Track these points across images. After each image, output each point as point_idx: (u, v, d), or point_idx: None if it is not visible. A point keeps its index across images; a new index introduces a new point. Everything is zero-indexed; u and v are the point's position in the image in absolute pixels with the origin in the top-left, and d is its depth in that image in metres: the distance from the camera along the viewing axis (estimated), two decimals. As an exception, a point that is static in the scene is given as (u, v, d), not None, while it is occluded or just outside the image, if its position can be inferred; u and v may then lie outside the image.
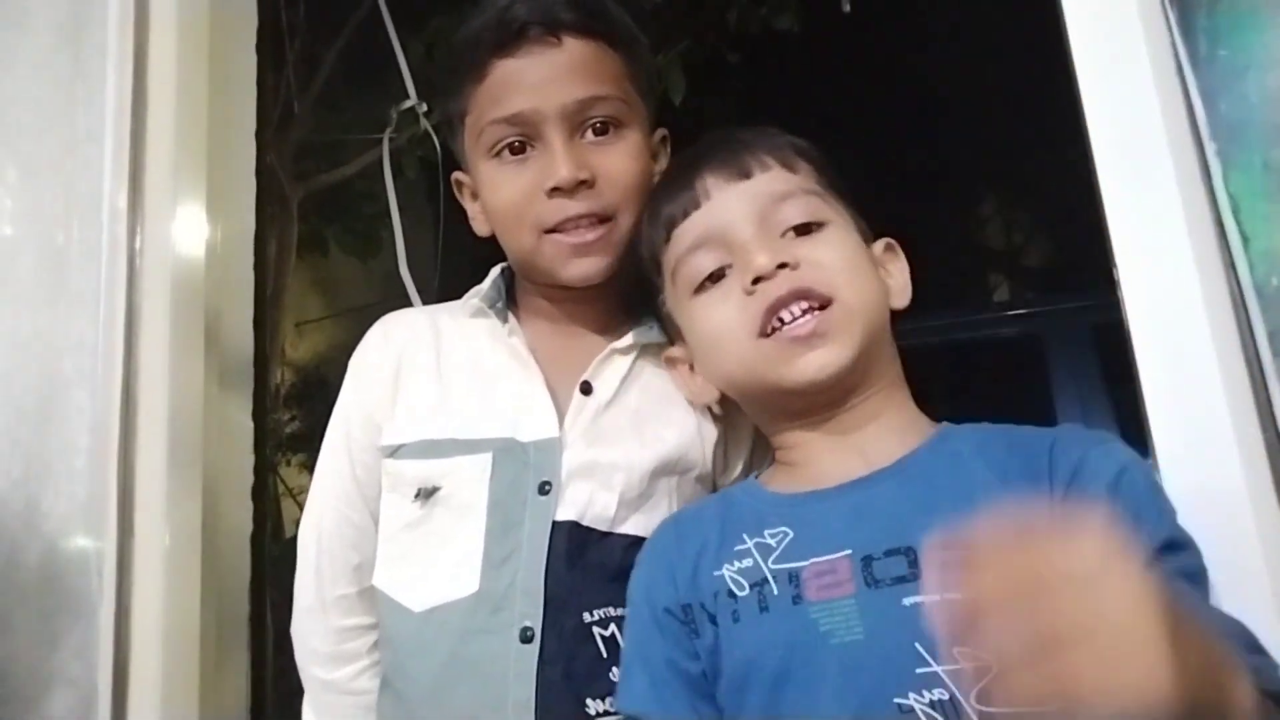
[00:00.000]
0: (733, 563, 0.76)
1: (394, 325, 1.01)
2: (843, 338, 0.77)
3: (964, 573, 0.45)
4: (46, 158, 1.03)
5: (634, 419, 0.93)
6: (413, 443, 0.93)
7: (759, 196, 0.82)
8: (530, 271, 0.97)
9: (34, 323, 0.98)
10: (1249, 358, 0.71)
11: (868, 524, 0.73)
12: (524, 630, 0.84)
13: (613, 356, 0.95)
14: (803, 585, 0.72)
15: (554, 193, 0.90)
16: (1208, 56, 0.75)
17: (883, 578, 0.70)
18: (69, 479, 0.94)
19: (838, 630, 0.68)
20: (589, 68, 0.92)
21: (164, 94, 1.09)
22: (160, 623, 0.96)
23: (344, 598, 0.96)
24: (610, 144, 0.93)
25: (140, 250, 1.02)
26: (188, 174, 1.12)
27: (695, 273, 0.83)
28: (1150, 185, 0.75)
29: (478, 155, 0.95)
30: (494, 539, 0.87)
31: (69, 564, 0.93)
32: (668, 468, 0.91)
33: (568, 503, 0.87)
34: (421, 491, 0.90)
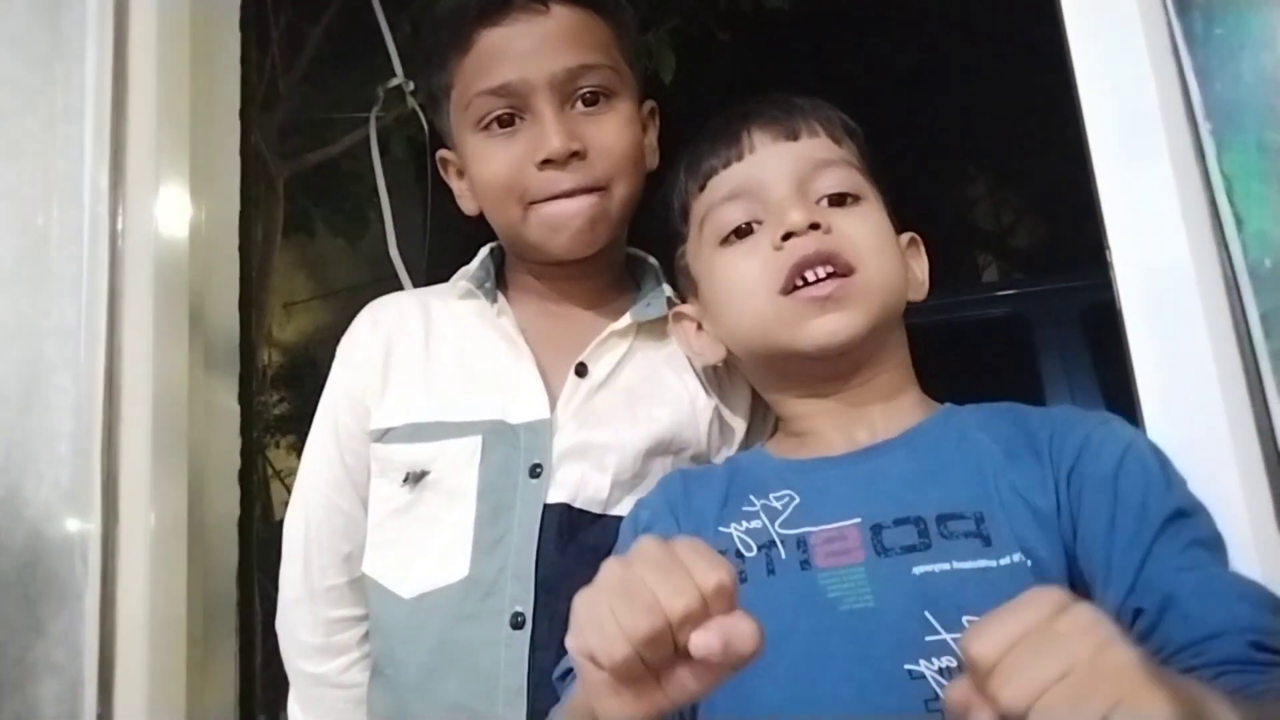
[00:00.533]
0: (740, 522, 0.76)
1: (382, 309, 1.00)
2: (859, 307, 0.77)
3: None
4: (25, 138, 1.00)
5: (627, 399, 0.92)
6: (400, 426, 0.91)
7: (802, 159, 0.82)
8: (520, 247, 0.96)
9: (14, 306, 0.97)
10: (1241, 340, 0.71)
11: (877, 493, 0.74)
12: (515, 615, 0.83)
13: (611, 338, 0.94)
14: (811, 551, 0.72)
15: (545, 165, 0.88)
16: (1203, 35, 0.74)
17: (892, 546, 0.70)
18: (52, 464, 0.93)
19: (847, 597, 0.69)
20: (578, 36, 0.91)
21: (145, 72, 1.07)
22: (146, 608, 0.95)
23: (334, 588, 0.95)
24: (601, 114, 0.91)
25: (122, 231, 1.00)
26: (170, 153, 1.10)
27: (725, 223, 0.83)
28: (1144, 165, 0.75)
29: (465, 129, 0.93)
30: (484, 523, 0.86)
31: (53, 550, 0.92)
32: (662, 447, 0.91)
33: (559, 485, 0.86)
34: (410, 476, 0.89)
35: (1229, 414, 0.70)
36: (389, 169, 1.83)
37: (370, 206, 2.45)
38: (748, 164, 0.83)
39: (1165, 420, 0.73)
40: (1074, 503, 0.70)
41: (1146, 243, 0.74)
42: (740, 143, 0.84)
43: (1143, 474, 0.69)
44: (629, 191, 0.93)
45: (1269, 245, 0.71)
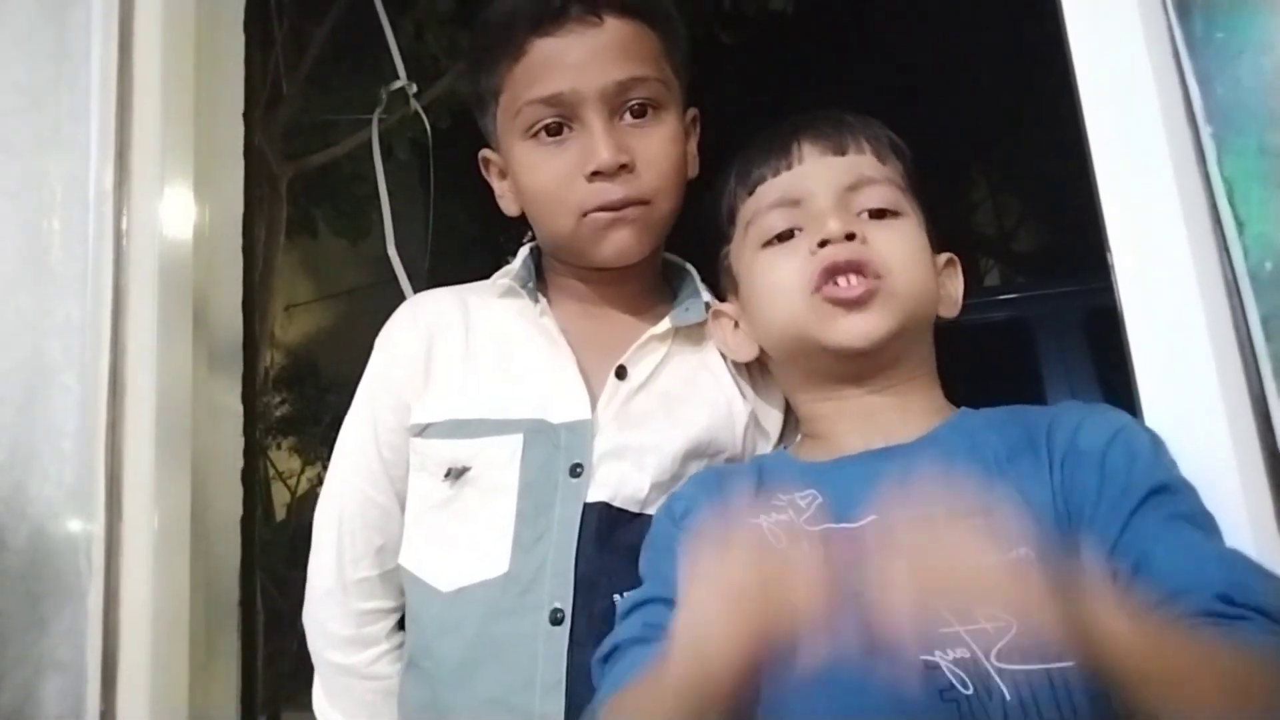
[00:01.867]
0: (770, 514, 0.78)
1: (422, 305, 1.01)
2: (886, 310, 0.80)
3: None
4: (30, 138, 1.01)
5: (665, 401, 0.93)
6: (441, 422, 0.92)
7: (847, 173, 0.86)
8: (566, 253, 0.97)
9: (19, 305, 0.97)
10: (1242, 343, 0.71)
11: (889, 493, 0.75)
12: (554, 612, 0.84)
13: (650, 342, 0.95)
14: (831, 547, 0.72)
15: (594, 176, 0.90)
16: (1204, 38, 0.74)
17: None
18: (56, 462, 0.93)
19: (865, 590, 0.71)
20: (629, 48, 0.91)
21: (150, 72, 1.07)
22: (150, 605, 0.95)
23: (365, 580, 0.95)
24: (649, 127, 0.92)
25: (127, 231, 1.01)
26: (175, 154, 1.10)
27: (768, 228, 0.86)
28: (1145, 168, 0.75)
29: (513, 135, 0.94)
30: (525, 520, 0.87)
31: (57, 547, 0.92)
32: (699, 450, 0.92)
33: (599, 484, 0.88)
34: (451, 471, 0.90)
35: (1230, 416, 0.70)
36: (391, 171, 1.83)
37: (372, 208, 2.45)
38: (795, 174, 0.87)
39: (1166, 422, 0.73)
40: (1066, 482, 0.72)
41: (1147, 245, 0.74)
42: (790, 153, 0.87)
43: (1131, 450, 0.71)
44: (672, 203, 0.95)
45: (1269, 248, 0.71)
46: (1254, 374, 0.71)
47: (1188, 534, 0.66)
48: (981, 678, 0.65)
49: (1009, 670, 0.65)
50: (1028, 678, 0.65)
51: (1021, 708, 0.64)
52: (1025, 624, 0.66)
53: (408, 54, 1.78)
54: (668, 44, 0.95)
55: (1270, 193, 0.72)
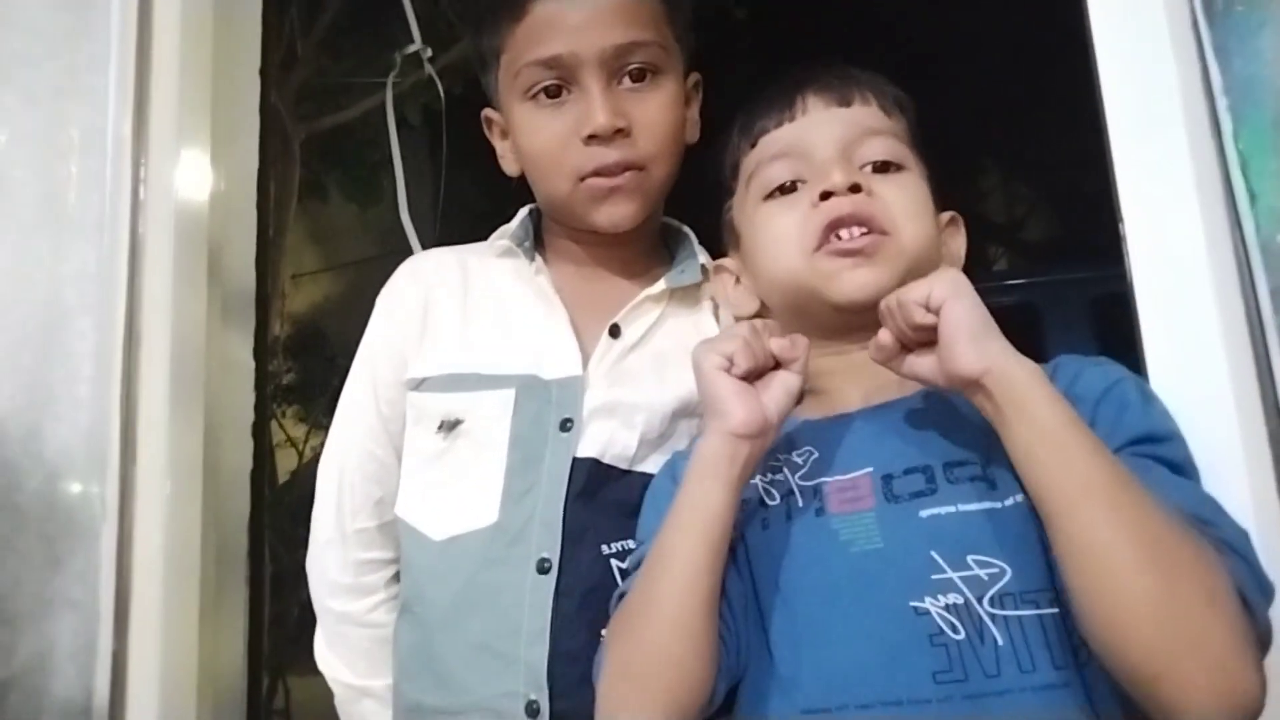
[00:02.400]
0: (766, 474, 0.80)
1: (421, 263, 1.03)
2: (889, 264, 0.80)
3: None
4: (48, 86, 1.01)
5: (657, 361, 0.94)
6: (437, 376, 0.94)
7: (852, 125, 0.84)
8: (562, 215, 0.98)
9: (36, 251, 0.98)
10: (1250, 314, 0.72)
11: (888, 445, 0.77)
12: (541, 561, 0.86)
13: (645, 303, 0.96)
14: (825, 499, 0.76)
15: (590, 140, 0.90)
16: (1224, 12, 0.75)
17: (901, 493, 0.74)
18: (72, 406, 0.94)
19: (857, 540, 0.72)
20: (629, 11, 0.92)
21: (169, 25, 1.08)
22: (161, 549, 0.97)
23: (364, 531, 0.98)
24: (647, 92, 0.93)
25: (144, 181, 1.01)
26: (192, 107, 1.11)
27: (770, 180, 0.85)
28: (1160, 139, 0.75)
29: (512, 96, 0.95)
30: (514, 473, 0.89)
31: (71, 490, 0.93)
32: (689, 409, 0.93)
33: (589, 440, 0.89)
34: (444, 424, 0.92)
35: (1235, 386, 0.71)
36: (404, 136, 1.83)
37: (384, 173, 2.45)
38: (799, 125, 0.86)
39: (1172, 391, 0.73)
40: None
41: (1160, 216, 0.75)
42: (794, 105, 0.86)
43: (1124, 400, 0.72)
44: (669, 169, 0.95)
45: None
46: (1261, 345, 0.71)
47: (1164, 475, 0.68)
48: (974, 622, 0.66)
49: (1001, 616, 0.66)
50: (1020, 623, 0.66)
51: (1014, 652, 0.65)
52: (1019, 569, 0.68)
53: (423, 18, 1.77)
54: (669, 8, 0.96)
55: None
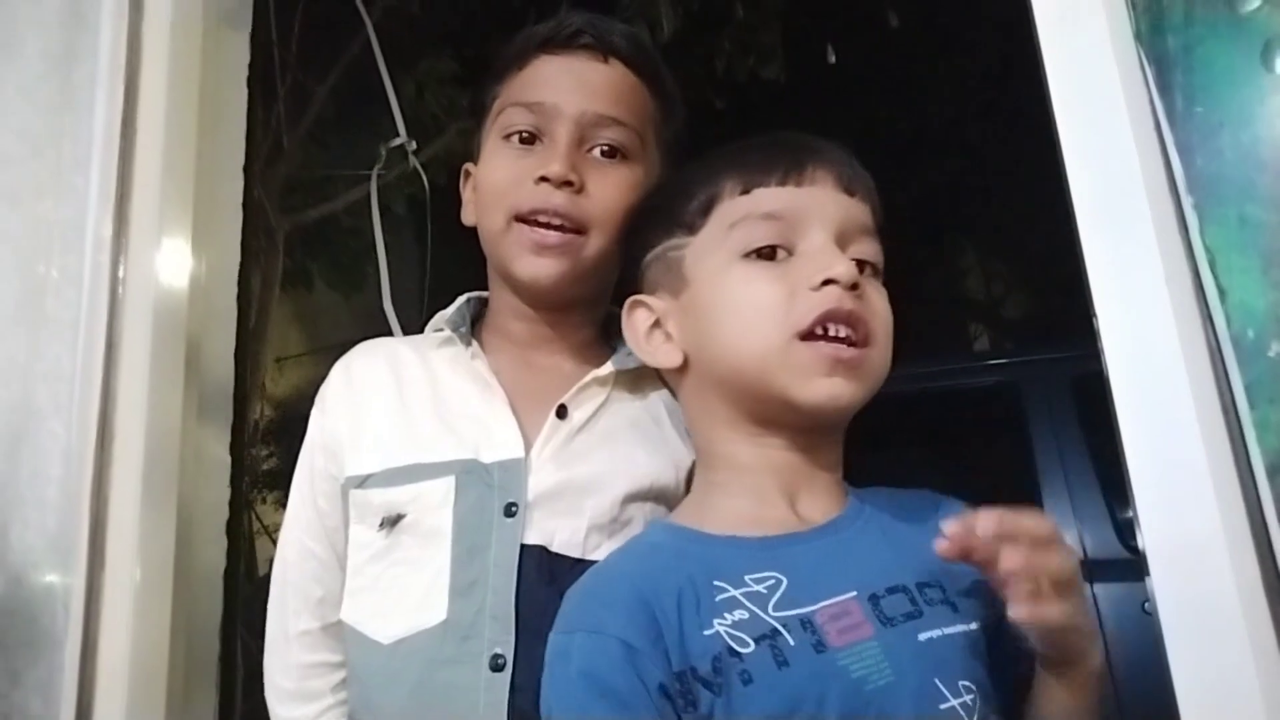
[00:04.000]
0: (723, 616, 0.69)
1: (356, 357, 1.02)
2: (863, 383, 0.77)
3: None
4: (31, 185, 1.02)
5: (606, 441, 0.92)
6: (378, 472, 0.92)
7: (851, 219, 0.82)
8: (494, 260, 0.98)
9: (10, 350, 0.97)
10: (1226, 409, 0.72)
11: (860, 563, 0.73)
12: (494, 658, 0.82)
13: (592, 385, 0.95)
14: (821, 631, 0.68)
15: (540, 181, 0.91)
16: (1184, 113, 0.77)
17: (894, 615, 0.69)
18: (39, 509, 0.92)
19: (871, 675, 0.66)
20: (621, 92, 0.95)
21: (153, 125, 1.09)
22: (127, 660, 0.93)
23: (307, 633, 0.95)
24: (611, 167, 0.94)
25: (123, 280, 1.01)
26: (173, 205, 1.11)
27: (755, 237, 0.79)
28: (1129, 238, 0.76)
29: (493, 135, 0.97)
30: (460, 564, 0.86)
31: (35, 597, 0.91)
32: (640, 493, 0.91)
33: (536, 527, 0.86)
34: (385, 520, 0.90)
35: (1214, 480, 0.71)
36: (388, 226, 1.85)
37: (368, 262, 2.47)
38: (804, 193, 0.80)
39: (1152, 487, 0.73)
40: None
41: (1132, 314, 0.75)
42: (803, 170, 0.81)
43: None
44: (602, 245, 0.93)
45: (1252, 316, 0.72)
46: (1238, 439, 0.71)
47: None
48: None
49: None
50: None
51: None
52: (987, 693, 0.67)
53: (408, 112, 1.82)
54: (659, 111, 0.98)
55: (1251, 261, 0.73)
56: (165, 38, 1.11)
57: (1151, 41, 0.78)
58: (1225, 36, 0.77)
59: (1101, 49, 0.78)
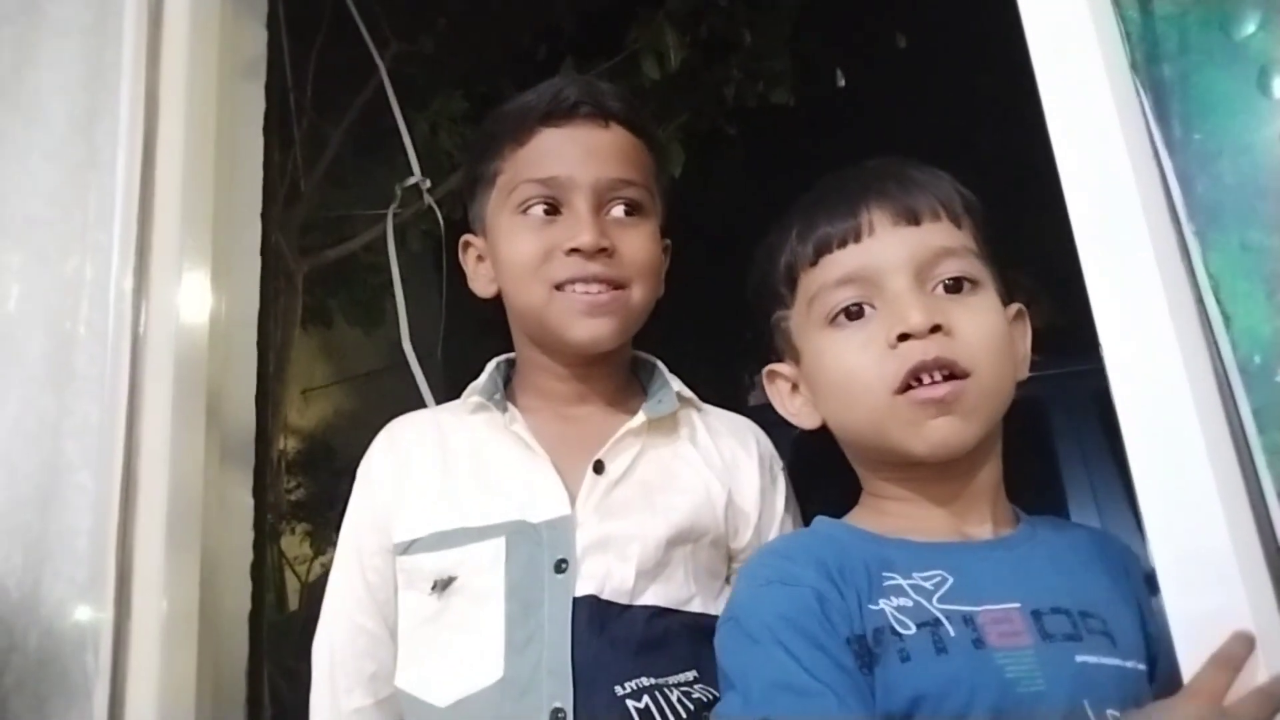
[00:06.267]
0: (889, 598, 0.73)
1: (397, 429, 1.03)
2: (973, 416, 0.77)
3: None
4: (56, 244, 1.05)
5: (645, 491, 0.94)
6: (425, 537, 0.93)
7: (923, 247, 0.80)
8: (536, 332, 0.99)
9: (39, 407, 1.00)
10: (1235, 435, 0.71)
11: (1028, 580, 0.75)
12: (555, 711, 0.83)
13: (626, 437, 0.96)
14: (981, 630, 0.71)
15: (573, 253, 0.93)
16: (1183, 141, 0.77)
17: (1054, 633, 0.71)
18: (70, 562, 0.95)
19: (1023, 679, 0.69)
20: (627, 154, 0.98)
21: (171, 178, 1.12)
22: (155, 706, 0.95)
23: (360, 710, 0.95)
24: (633, 225, 0.97)
25: (144, 332, 1.04)
26: (193, 254, 1.14)
27: (835, 304, 0.80)
28: (1132, 267, 0.76)
29: (503, 212, 0.98)
30: (514, 622, 0.87)
31: (65, 647, 0.93)
32: (682, 536, 0.92)
33: (585, 577, 0.88)
34: (438, 584, 0.91)
35: (1226, 508, 0.70)
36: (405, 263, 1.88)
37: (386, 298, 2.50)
38: (865, 248, 0.80)
39: (1163, 516, 0.73)
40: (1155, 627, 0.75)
41: (1137, 342, 0.75)
42: (859, 220, 0.80)
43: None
44: (646, 297, 0.97)
45: (1257, 341, 0.72)
46: (1249, 466, 0.71)
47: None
48: None
49: None
50: None
51: None
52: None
53: (422, 151, 1.84)
54: (657, 166, 1.02)
55: (1254, 287, 0.73)
56: (181, 92, 1.14)
57: (1147, 70, 0.78)
58: (1221, 63, 0.77)
59: (1097, 80, 0.78)
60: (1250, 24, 0.77)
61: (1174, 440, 0.73)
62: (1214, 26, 0.77)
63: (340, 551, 0.99)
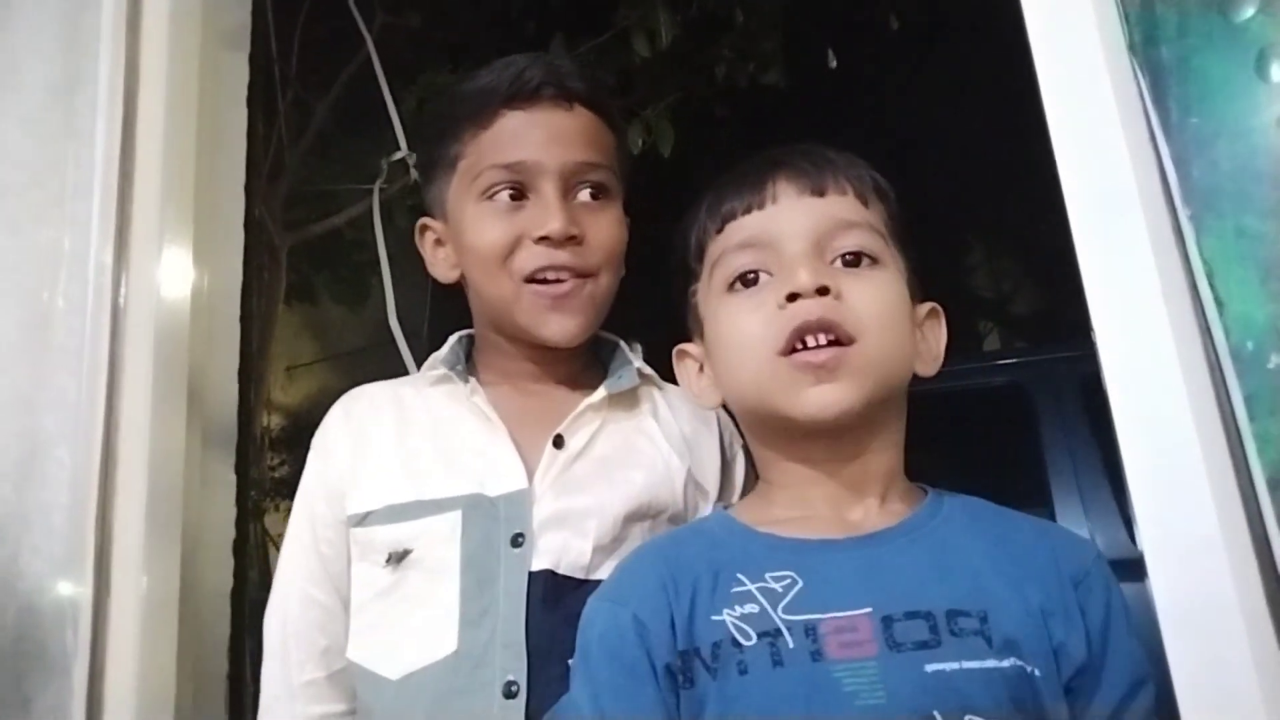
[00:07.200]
0: (734, 607, 0.72)
1: (354, 400, 1.02)
2: (854, 380, 0.75)
3: None
4: (33, 214, 1.03)
5: (604, 467, 0.94)
6: (380, 509, 0.92)
7: (824, 218, 0.80)
8: (504, 322, 0.98)
9: (16, 380, 0.98)
10: (1226, 422, 0.71)
11: (885, 582, 0.72)
12: (508, 685, 0.83)
13: (587, 412, 0.96)
14: (822, 641, 0.69)
15: (542, 241, 0.92)
16: (1179, 124, 0.76)
17: (904, 641, 0.69)
18: (47, 536, 0.93)
19: (862, 692, 0.67)
20: (592, 136, 0.97)
21: (152, 148, 1.10)
22: (135, 681, 0.94)
23: (313, 683, 0.94)
24: (600, 209, 0.96)
25: (124, 305, 1.02)
26: (174, 227, 1.12)
27: (733, 269, 0.81)
28: (1125, 251, 0.76)
29: (467, 198, 0.96)
30: (469, 596, 0.87)
31: (44, 623, 0.91)
32: (640, 511, 0.92)
33: (542, 553, 0.87)
34: (392, 556, 0.90)
35: (1216, 497, 0.71)
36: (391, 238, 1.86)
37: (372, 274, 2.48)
38: (767, 214, 0.81)
39: (1152, 500, 0.73)
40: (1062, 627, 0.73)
41: (1129, 327, 0.75)
42: (764, 191, 0.81)
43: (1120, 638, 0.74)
44: (612, 283, 0.97)
45: (1250, 328, 0.72)
46: (1239, 453, 0.71)
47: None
48: None
49: None
50: None
51: None
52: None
53: (409, 126, 1.82)
54: (619, 146, 1.01)
55: (1249, 273, 0.73)
56: (163, 61, 1.12)
57: (1145, 53, 0.77)
58: (1219, 46, 0.76)
59: (1095, 62, 0.78)
60: (1249, 7, 0.76)
61: (1165, 426, 0.73)
62: (1213, 9, 0.77)
63: (293, 523, 0.98)
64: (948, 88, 3.70)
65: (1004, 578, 0.73)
